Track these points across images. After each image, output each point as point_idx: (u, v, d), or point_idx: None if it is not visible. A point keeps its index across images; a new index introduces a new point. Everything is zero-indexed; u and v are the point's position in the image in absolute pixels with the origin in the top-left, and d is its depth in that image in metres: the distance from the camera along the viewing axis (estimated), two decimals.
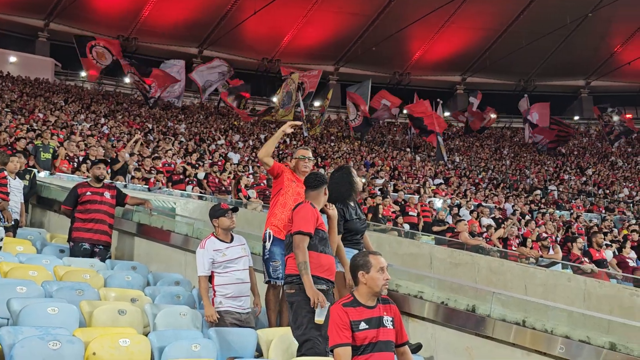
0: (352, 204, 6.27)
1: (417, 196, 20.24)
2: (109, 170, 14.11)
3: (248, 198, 16.44)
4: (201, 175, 17.92)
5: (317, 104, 37.07)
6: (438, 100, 36.13)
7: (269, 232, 6.24)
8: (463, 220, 16.05)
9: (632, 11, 41.95)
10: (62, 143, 16.99)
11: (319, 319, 4.85)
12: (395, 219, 16.57)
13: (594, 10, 40.92)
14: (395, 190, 21.54)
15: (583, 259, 12.82)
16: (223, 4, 41.36)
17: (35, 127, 19.19)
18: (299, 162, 6.54)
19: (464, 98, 47.95)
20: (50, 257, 7.73)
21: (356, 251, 5.97)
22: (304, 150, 6.71)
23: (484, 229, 16.15)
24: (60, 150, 15.59)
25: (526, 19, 43.15)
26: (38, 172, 13.05)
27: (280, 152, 25.93)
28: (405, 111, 36.14)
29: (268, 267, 6.26)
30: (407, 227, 16.69)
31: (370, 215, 15.22)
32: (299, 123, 6.59)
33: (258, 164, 21.01)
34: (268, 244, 6.20)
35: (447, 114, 39.21)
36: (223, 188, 17.29)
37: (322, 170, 22.87)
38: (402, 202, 18.70)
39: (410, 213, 17.44)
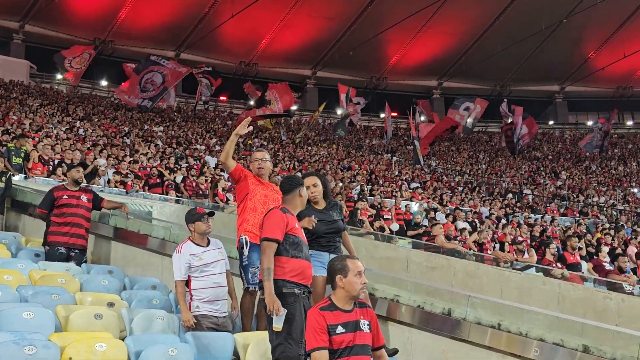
0: (317, 206, 6.29)
1: (389, 200, 20.31)
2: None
3: (226, 201, 16.40)
4: (179, 178, 17.85)
5: (293, 108, 37.14)
6: (414, 99, 36.44)
7: (245, 239, 6.20)
8: (439, 223, 16.13)
9: (606, 17, 42.55)
10: (35, 146, 16.82)
11: (277, 325, 4.85)
12: (372, 222, 16.62)
13: (569, 16, 41.43)
14: (372, 194, 21.59)
15: (555, 264, 12.94)
16: (200, 7, 41.30)
17: (11, 130, 19.00)
18: (253, 164, 6.57)
19: (440, 102, 48.31)
20: (25, 262, 7.66)
21: (325, 254, 6.01)
22: (259, 152, 6.68)
23: (459, 233, 16.24)
24: (32, 153, 15.43)
25: (502, 24, 43.59)
26: (12, 175, 12.91)
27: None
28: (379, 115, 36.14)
29: (247, 273, 6.23)
30: (396, 227, 16.77)
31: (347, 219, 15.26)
32: (245, 124, 6.44)
33: None
34: (246, 250, 6.18)
35: (422, 118, 39.41)
36: (200, 192, 17.23)
37: (299, 174, 22.88)
38: (378, 206, 18.76)
39: (385, 217, 17.50)
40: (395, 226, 16.83)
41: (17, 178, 13.48)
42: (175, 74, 30.73)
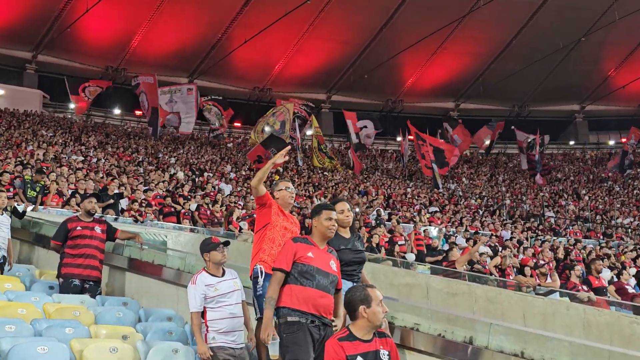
0: (344, 235, 6.29)
1: (407, 224, 20.27)
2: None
3: (240, 230, 16.43)
4: (193, 206, 17.93)
5: (309, 132, 37.30)
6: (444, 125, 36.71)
7: (260, 268, 6.18)
8: (457, 245, 16.08)
9: (625, 35, 42.42)
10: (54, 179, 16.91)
11: (273, 354, 4.91)
12: (390, 248, 16.56)
13: (587, 34, 41.39)
14: (390, 219, 21.56)
15: (580, 287, 12.81)
16: (213, 33, 41.66)
17: (24, 161, 19.18)
18: (285, 193, 6.58)
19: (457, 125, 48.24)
20: (39, 294, 7.68)
21: (349, 283, 6.00)
22: (286, 182, 6.71)
23: (481, 257, 16.15)
24: (51, 185, 15.49)
25: (519, 44, 43.55)
26: (24, 208, 12.96)
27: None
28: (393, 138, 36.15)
29: (261, 304, 6.22)
30: (411, 257, 16.69)
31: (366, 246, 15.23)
32: (284, 153, 6.57)
33: (249, 193, 21.05)
34: (260, 280, 6.17)
35: (441, 140, 39.41)
36: (215, 220, 17.28)
37: (315, 201, 22.92)
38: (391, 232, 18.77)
39: (400, 242, 17.40)
40: (410, 256, 16.74)
41: (29, 209, 13.53)
42: (147, 87, 31.07)
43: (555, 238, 22.92)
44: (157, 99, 31.28)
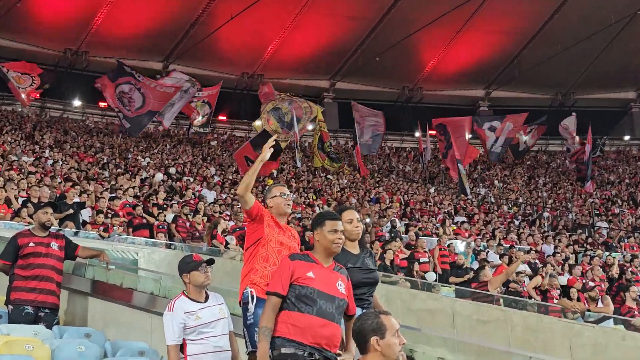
0: (352, 250, 6.28)
1: (429, 238, 20.26)
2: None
3: (226, 245, 16.44)
4: (169, 217, 17.91)
5: (310, 127, 37.27)
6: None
7: (251, 292, 6.13)
8: (489, 263, 16.09)
9: None
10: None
11: None
12: (409, 267, 16.57)
13: None
14: (407, 232, 21.56)
15: (638, 312, 12.81)
16: (192, 8, 41.59)
17: None
18: (280, 200, 6.54)
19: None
20: None
21: (360, 309, 5.97)
22: (281, 186, 6.68)
23: (518, 277, 16.15)
24: None
25: (562, 19, 43.42)
26: None
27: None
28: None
29: (252, 335, 6.18)
30: (432, 276, 16.69)
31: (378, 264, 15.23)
32: (270, 144, 6.53)
33: (238, 200, 21.07)
34: (251, 306, 6.13)
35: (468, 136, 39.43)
36: (196, 234, 17.29)
37: (317, 209, 22.92)
38: (415, 246, 18.74)
39: (422, 260, 17.39)
40: (430, 275, 16.74)
41: None
42: (160, 96, 30.96)
43: (607, 253, 22.90)
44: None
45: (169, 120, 34.29)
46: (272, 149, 6.48)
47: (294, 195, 25.33)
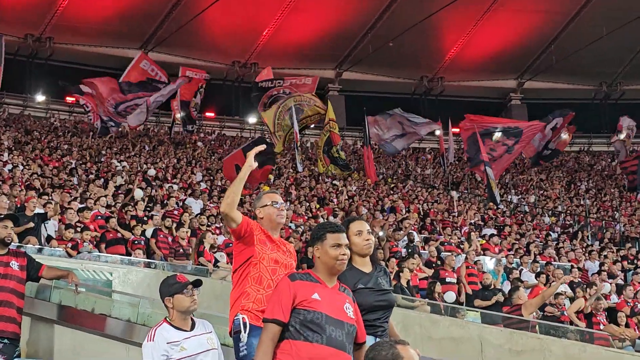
0: (363, 268, 6.25)
1: (457, 254, 20.22)
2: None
3: (216, 264, 16.44)
4: (148, 231, 17.90)
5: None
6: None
7: (243, 319, 6.13)
8: (524, 282, 16.05)
9: None
10: None
11: None
12: (430, 287, 16.55)
13: None
14: (427, 246, 21.54)
15: None
16: None
17: None
18: (272, 210, 6.52)
19: (522, 110, 48.17)
20: None
21: (372, 338, 5.95)
22: (272, 194, 6.66)
23: (557, 299, 16.12)
24: None
25: None
26: None
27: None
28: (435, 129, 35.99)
29: None
30: (451, 297, 16.63)
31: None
32: (259, 149, 6.49)
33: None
34: (244, 336, 6.11)
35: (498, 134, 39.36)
36: (181, 250, 17.28)
37: (322, 221, 22.88)
38: (437, 264, 18.65)
39: (447, 279, 17.36)
40: (450, 296, 16.69)
41: None
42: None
43: None
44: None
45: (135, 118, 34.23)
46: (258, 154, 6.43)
47: (290, 205, 25.34)
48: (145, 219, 19.08)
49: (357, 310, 5.47)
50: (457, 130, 36.18)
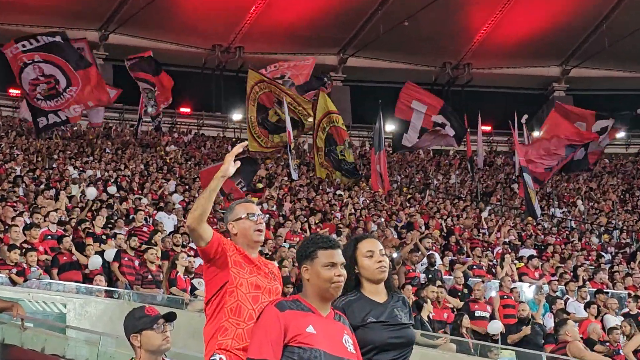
0: (375, 297, 6.22)
1: (491, 281, 20.20)
2: None
3: (192, 292, 16.43)
4: (110, 253, 17.87)
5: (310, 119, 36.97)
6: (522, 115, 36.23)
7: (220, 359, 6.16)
8: (570, 315, 16.04)
9: None
10: None
11: None
12: (456, 321, 16.54)
13: None
14: (452, 271, 21.54)
15: None
16: None
17: None
18: (247, 225, 6.48)
19: (567, 104, 48.10)
20: None
21: None
22: (247, 203, 6.64)
23: (609, 334, 16.13)
24: None
25: None
26: None
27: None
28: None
29: None
30: (496, 327, 16.58)
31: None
32: (237, 151, 6.34)
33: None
34: None
35: (537, 133, 39.40)
36: (149, 276, 17.27)
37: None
38: (464, 292, 18.63)
39: (478, 313, 17.33)
40: (495, 327, 16.67)
41: None
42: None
43: None
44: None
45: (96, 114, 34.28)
46: (234, 168, 6.35)
47: (288, 222, 25.32)
48: (104, 238, 19.04)
49: (356, 344, 5.40)
50: (487, 128, 36.30)
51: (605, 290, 21.65)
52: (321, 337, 5.15)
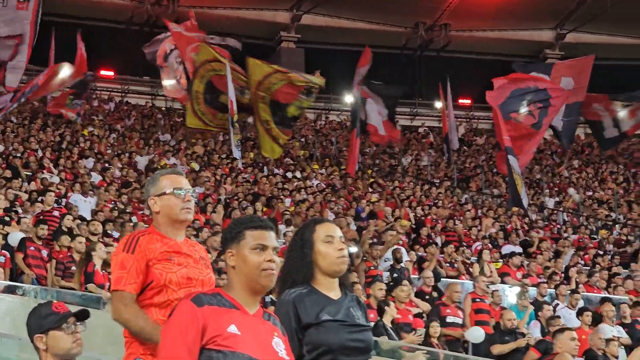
0: (329, 292, 6.21)
1: (464, 282, 20.28)
2: None
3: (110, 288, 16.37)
4: (13, 238, 17.75)
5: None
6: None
7: None
8: (565, 329, 16.13)
9: None
10: None
11: None
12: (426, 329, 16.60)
13: None
14: (421, 270, 21.58)
15: None
16: None
17: None
18: (172, 201, 6.42)
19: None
20: None
21: None
22: (174, 175, 6.57)
23: (608, 346, 16.23)
24: None
25: None
26: None
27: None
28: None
29: None
30: (478, 335, 16.65)
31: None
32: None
33: (135, 211, 21.02)
34: None
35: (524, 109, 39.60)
36: (63, 267, 17.21)
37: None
38: (433, 295, 18.69)
39: (449, 319, 17.34)
40: (477, 335, 16.73)
41: None
42: None
43: None
44: None
45: (13, 77, 34.16)
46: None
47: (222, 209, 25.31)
48: (6, 220, 18.91)
49: (289, 348, 5.25)
50: (467, 101, 36.39)
51: (601, 294, 21.77)
52: (246, 339, 4.98)
